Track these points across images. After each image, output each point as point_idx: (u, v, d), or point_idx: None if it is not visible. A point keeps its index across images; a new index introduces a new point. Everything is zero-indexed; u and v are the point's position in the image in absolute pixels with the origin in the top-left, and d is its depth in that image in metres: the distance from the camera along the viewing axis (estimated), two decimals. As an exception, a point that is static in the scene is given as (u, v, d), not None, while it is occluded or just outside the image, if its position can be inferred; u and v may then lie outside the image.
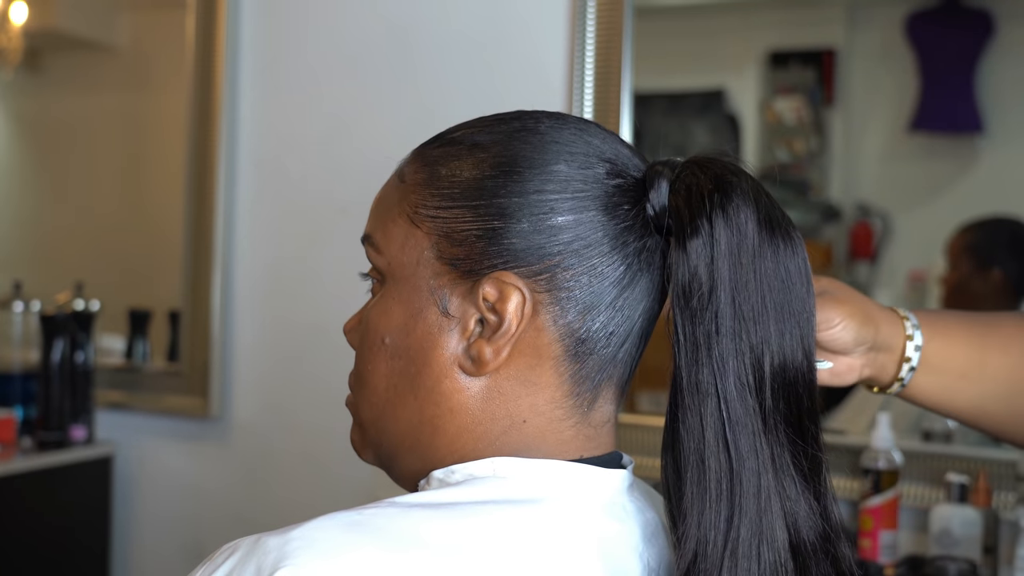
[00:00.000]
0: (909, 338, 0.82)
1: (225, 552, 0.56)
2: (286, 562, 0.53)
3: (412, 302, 0.65)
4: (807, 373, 0.63)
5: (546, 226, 0.63)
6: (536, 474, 0.63)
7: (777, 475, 0.60)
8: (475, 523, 0.58)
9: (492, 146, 0.65)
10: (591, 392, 0.65)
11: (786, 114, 2.16)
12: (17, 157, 2.88)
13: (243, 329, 2.22)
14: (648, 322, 0.67)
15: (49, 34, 2.65)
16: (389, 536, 0.56)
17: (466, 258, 0.63)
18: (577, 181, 0.64)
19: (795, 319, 0.62)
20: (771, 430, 0.61)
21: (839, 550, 0.62)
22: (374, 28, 2.09)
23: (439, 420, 0.65)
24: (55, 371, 2.16)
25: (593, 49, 1.87)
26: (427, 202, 0.65)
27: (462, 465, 0.64)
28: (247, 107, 2.21)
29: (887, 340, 0.82)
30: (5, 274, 2.54)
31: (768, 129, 2.20)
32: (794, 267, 0.62)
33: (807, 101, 2.14)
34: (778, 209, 0.63)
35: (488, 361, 0.63)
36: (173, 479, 2.29)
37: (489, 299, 0.63)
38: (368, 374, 0.68)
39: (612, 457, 0.68)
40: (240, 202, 2.22)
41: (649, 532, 0.67)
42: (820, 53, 2.14)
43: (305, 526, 0.56)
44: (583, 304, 0.63)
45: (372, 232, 0.69)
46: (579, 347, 0.64)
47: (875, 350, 0.82)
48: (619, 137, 0.68)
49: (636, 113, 1.89)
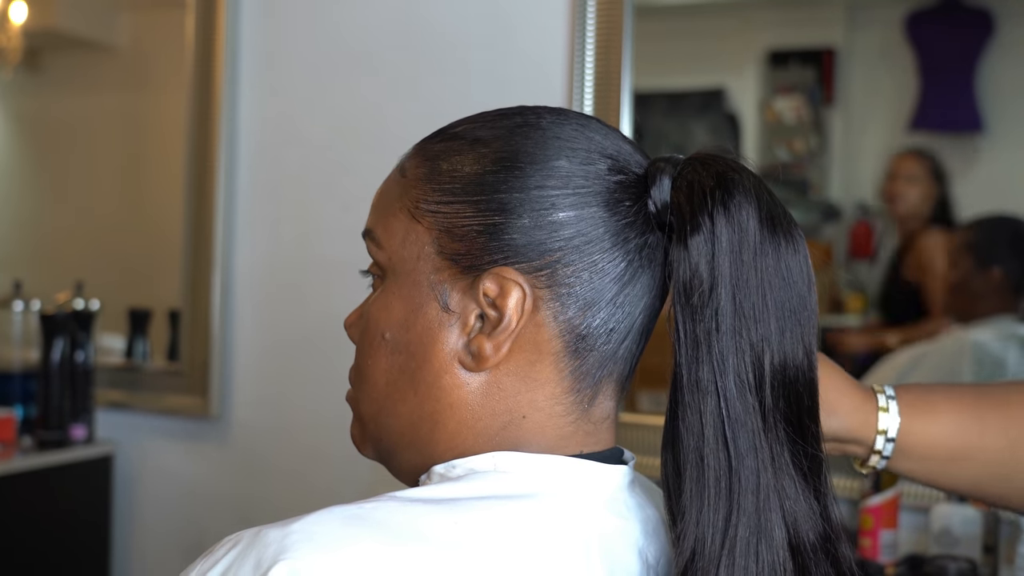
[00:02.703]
0: (881, 432, 0.78)
1: (227, 544, 0.56)
2: (286, 555, 0.53)
3: (412, 297, 0.65)
4: (807, 372, 0.62)
5: (547, 222, 0.62)
6: (537, 469, 0.63)
7: (776, 474, 0.60)
8: (475, 518, 0.58)
9: (493, 141, 0.65)
10: (591, 388, 0.65)
11: (786, 114, 2.16)
12: (17, 157, 2.88)
13: (243, 329, 2.22)
14: (649, 319, 0.66)
15: (49, 34, 2.65)
16: (389, 530, 0.56)
17: (467, 253, 0.63)
18: (578, 177, 0.64)
19: (796, 317, 0.62)
20: (771, 428, 0.60)
21: (839, 550, 0.62)
22: (374, 28, 2.09)
23: (439, 415, 0.65)
24: (55, 370, 2.16)
25: (593, 49, 1.87)
26: (428, 197, 0.65)
27: (463, 460, 0.64)
28: (247, 107, 2.21)
29: (854, 431, 0.78)
30: (5, 274, 2.54)
31: (768, 129, 2.20)
32: (795, 265, 0.62)
33: (807, 101, 2.14)
34: (780, 207, 0.63)
35: (488, 357, 0.63)
36: (173, 478, 2.29)
37: (489, 295, 0.63)
38: (368, 369, 0.68)
39: (613, 453, 0.68)
40: (240, 202, 2.22)
41: (650, 528, 0.67)
42: (820, 53, 2.13)
43: (305, 519, 0.56)
44: (584, 300, 0.63)
45: (373, 227, 0.69)
46: (579, 343, 0.64)
47: (839, 441, 0.79)
48: (621, 133, 0.68)
49: (636, 113, 1.89)
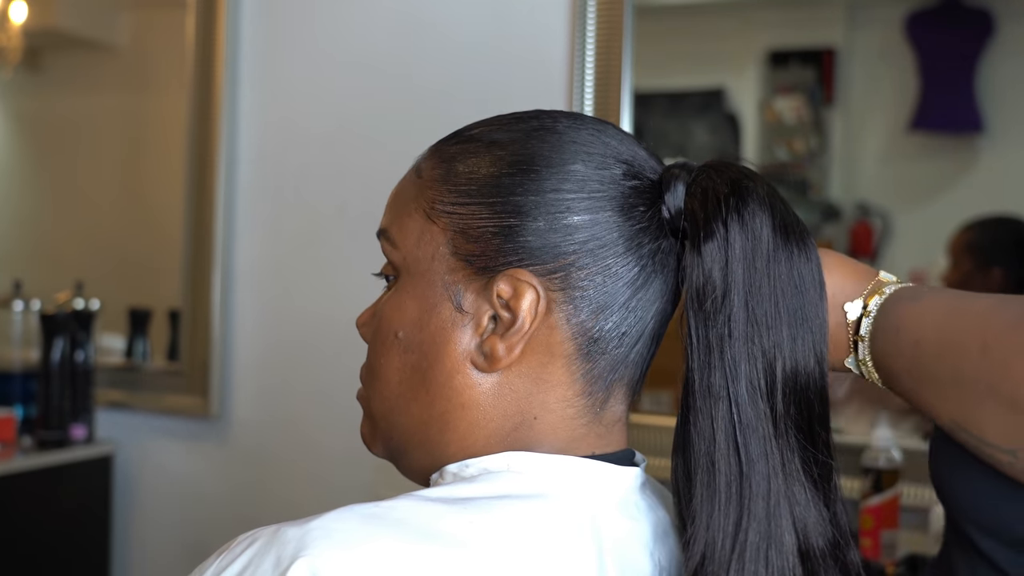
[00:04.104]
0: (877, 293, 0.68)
1: (244, 541, 0.56)
2: (305, 552, 0.53)
3: (426, 297, 0.65)
4: (818, 379, 0.63)
5: (562, 225, 0.63)
6: (550, 469, 0.63)
7: (787, 480, 0.60)
8: (490, 518, 0.59)
9: (510, 144, 0.66)
10: (603, 392, 0.65)
11: (786, 113, 2.16)
12: (17, 157, 2.88)
13: (243, 329, 2.22)
14: (660, 324, 0.67)
15: (49, 33, 2.65)
16: (407, 528, 0.56)
17: (481, 255, 0.64)
18: (594, 181, 0.64)
19: (808, 325, 0.62)
20: (782, 435, 0.61)
21: (848, 557, 0.62)
22: (374, 29, 2.09)
23: (450, 415, 0.65)
24: (55, 370, 2.16)
25: (593, 49, 1.87)
26: (444, 198, 0.65)
27: (476, 460, 0.64)
28: (247, 107, 2.21)
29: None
30: (5, 273, 2.54)
31: (768, 129, 2.20)
32: (807, 273, 0.62)
33: (807, 101, 2.14)
34: (793, 215, 0.64)
35: (501, 358, 0.63)
36: (173, 478, 2.29)
37: (503, 296, 0.63)
38: (380, 368, 0.68)
39: (625, 454, 0.68)
40: (240, 201, 2.22)
41: (660, 530, 0.67)
42: (820, 53, 2.14)
43: (324, 517, 0.56)
44: (596, 304, 0.63)
45: (388, 226, 0.69)
46: (591, 346, 0.64)
47: None
48: (636, 139, 0.69)
49: (636, 113, 1.89)
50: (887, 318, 0.65)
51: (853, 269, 0.68)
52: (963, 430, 0.61)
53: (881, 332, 0.65)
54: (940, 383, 0.62)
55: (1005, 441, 0.59)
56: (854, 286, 0.66)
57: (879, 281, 0.66)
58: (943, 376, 0.61)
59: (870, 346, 0.65)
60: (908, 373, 0.64)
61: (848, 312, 0.66)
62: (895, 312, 0.64)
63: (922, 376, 0.63)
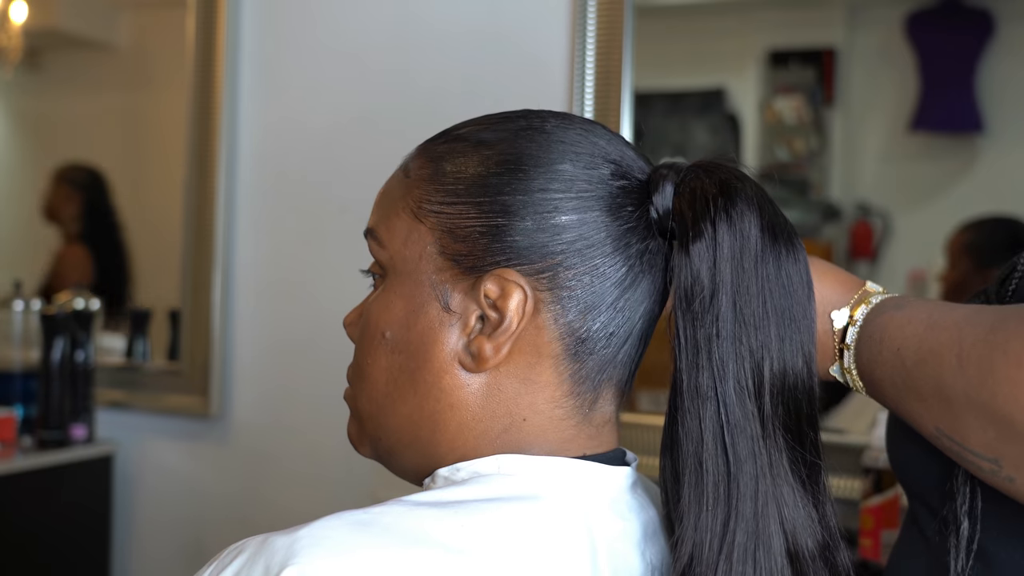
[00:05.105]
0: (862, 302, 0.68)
1: (232, 552, 0.56)
2: (294, 560, 0.53)
3: (414, 297, 0.65)
4: (807, 379, 0.63)
5: (549, 225, 0.63)
6: (541, 471, 0.63)
7: (775, 480, 0.60)
8: (481, 520, 0.58)
9: (497, 143, 0.65)
10: (592, 393, 0.65)
11: (786, 113, 2.16)
12: (17, 156, 2.88)
13: (243, 329, 2.22)
14: (648, 324, 0.67)
15: (49, 33, 2.66)
16: (396, 534, 0.56)
17: (469, 254, 0.64)
18: (582, 181, 0.64)
19: (796, 325, 0.62)
20: (770, 435, 0.61)
21: (838, 559, 0.62)
22: (374, 28, 2.09)
23: (439, 416, 0.65)
24: (55, 370, 2.16)
25: (593, 49, 1.87)
26: (431, 197, 0.65)
27: (467, 463, 0.64)
28: (247, 107, 2.21)
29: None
30: (5, 273, 2.54)
31: (768, 129, 2.20)
32: (795, 274, 0.63)
33: (807, 101, 2.14)
34: (781, 216, 0.64)
35: (488, 358, 0.63)
36: (173, 478, 2.29)
37: (491, 296, 0.63)
38: (368, 368, 0.68)
39: (615, 454, 0.68)
40: (240, 201, 2.22)
41: (651, 530, 0.67)
42: (820, 53, 2.14)
43: (312, 525, 0.56)
44: (584, 304, 0.63)
45: (375, 226, 0.69)
46: (579, 347, 0.64)
47: None
48: (624, 139, 0.69)
49: (636, 113, 1.89)
50: (872, 327, 0.66)
51: (841, 278, 0.69)
52: (947, 437, 0.62)
53: (866, 341, 0.66)
54: (922, 392, 0.63)
55: (987, 450, 0.59)
56: (841, 295, 0.68)
57: (866, 291, 0.68)
58: (924, 385, 0.62)
59: (855, 355, 0.66)
60: (891, 382, 0.65)
61: (835, 320, 0.67)
62: (879, 322, 0.66)
63: (905, 385, 0.64)
